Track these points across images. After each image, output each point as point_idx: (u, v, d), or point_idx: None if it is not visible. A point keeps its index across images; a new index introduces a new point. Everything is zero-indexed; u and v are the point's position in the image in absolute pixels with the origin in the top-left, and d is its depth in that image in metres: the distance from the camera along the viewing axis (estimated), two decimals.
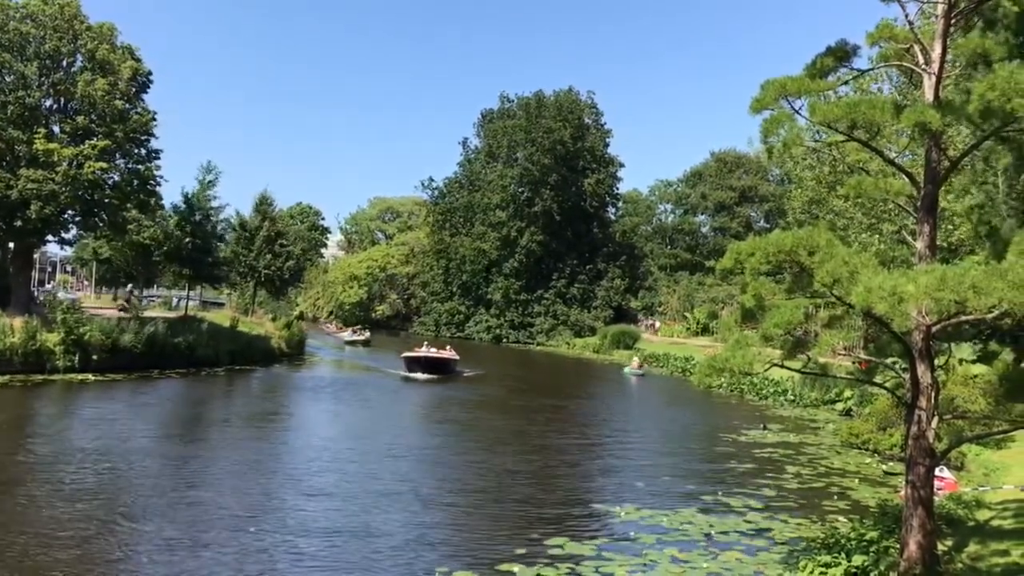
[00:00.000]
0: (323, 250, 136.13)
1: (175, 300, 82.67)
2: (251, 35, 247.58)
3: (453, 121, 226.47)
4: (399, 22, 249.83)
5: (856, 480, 21.37)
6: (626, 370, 56.88)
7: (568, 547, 14.41)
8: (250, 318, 60.69)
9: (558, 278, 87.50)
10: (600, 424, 32.00)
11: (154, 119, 43.00)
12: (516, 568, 13.17)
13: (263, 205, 64.88)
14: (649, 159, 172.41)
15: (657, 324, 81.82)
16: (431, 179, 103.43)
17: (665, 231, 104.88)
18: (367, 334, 79.11)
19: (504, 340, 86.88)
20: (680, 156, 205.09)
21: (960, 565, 11.98)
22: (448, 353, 49.97)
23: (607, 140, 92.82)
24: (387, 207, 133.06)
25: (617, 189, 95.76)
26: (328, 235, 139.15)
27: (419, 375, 46.18)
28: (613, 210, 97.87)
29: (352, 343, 74.50)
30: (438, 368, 47.49)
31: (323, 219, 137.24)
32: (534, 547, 14.35)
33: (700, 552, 14.25)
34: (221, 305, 79.35)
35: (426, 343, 53.95)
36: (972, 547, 13.23)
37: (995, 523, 15.08)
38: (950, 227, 32.49)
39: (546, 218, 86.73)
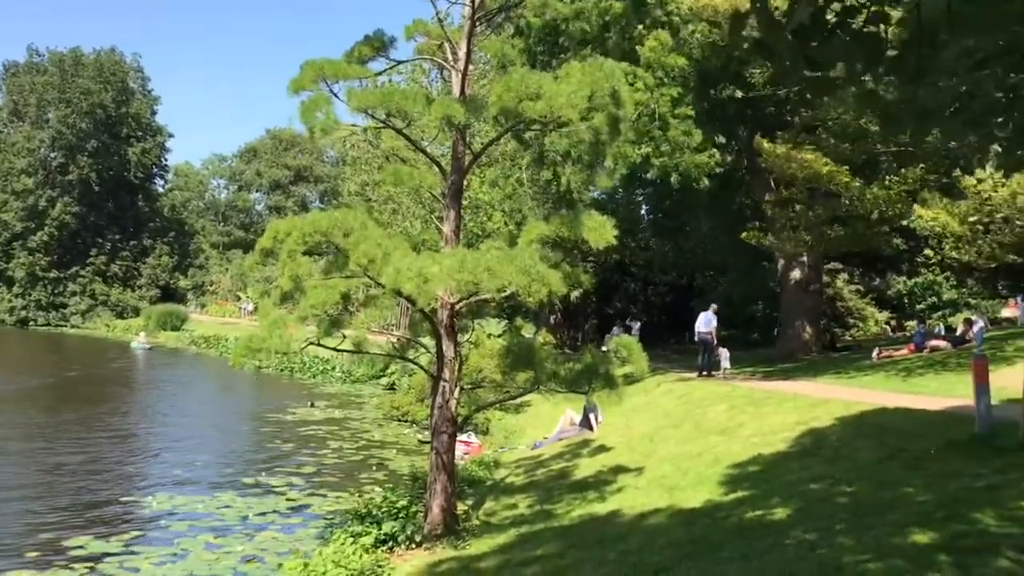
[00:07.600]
0: None
1: None
2: None
3: None
4: None
5: (394, 451, 22.50)
6: (133, 344, 57.50)
7: (91, 546, 13.16)
8: None
9: (97, 254, 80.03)
10: (136, 412, 29.90)
11: None
12: (26, 575, 11.77)
13: None
14: (203, 132, 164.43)
15: (252, 306, 70.44)
16: None
17: (218, 207, 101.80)
18: None
19: (32, 323, 77.55)
20: (236, 131, 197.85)
21: (476, 522, 13.20)
22: None
23: (155, 108, 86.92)
24: None
25: (166, 161, 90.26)
26: None
27: None
28: (162, 183, 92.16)
29: None
30: None
31: None
32: (48, 550, 12.88)
33: (236, 536, 13.95)
34: None
35: None
36: (488, 504, 14.67)
37: (509, 480, 16.90)
38: (484, 217, 35.78)
39: (83, 188, 78.69)
